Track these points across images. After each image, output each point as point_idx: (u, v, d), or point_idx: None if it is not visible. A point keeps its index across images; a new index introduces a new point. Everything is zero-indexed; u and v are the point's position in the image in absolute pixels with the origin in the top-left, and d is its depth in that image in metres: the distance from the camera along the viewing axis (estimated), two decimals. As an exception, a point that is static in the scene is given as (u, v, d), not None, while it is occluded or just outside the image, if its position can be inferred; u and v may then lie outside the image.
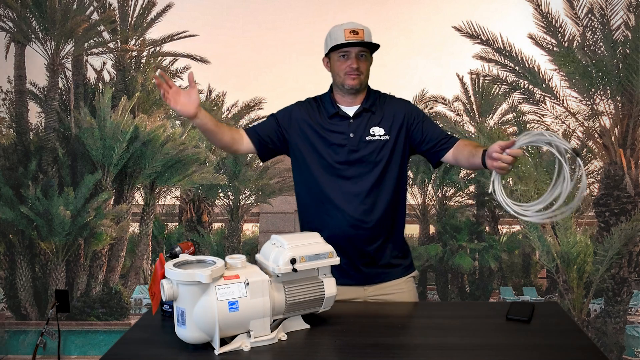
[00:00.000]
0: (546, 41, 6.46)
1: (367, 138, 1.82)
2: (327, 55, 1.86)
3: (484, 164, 1.60)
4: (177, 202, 8.42)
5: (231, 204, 8.19)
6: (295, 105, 1.91)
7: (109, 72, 7.73)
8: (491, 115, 8.02)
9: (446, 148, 1.82)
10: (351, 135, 1.83)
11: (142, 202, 7.81)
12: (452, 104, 8.07)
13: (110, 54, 7.66)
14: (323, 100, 1.90)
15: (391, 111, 1.86)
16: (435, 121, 2.03)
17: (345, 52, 1.79)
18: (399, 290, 1.89)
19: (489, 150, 1.57)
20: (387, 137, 1.83)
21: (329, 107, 1.86)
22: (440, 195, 8.21)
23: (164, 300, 1.29)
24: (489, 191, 1.49)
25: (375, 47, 1.82)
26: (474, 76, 7.74)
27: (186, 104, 1.68)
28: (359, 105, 1.86)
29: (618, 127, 6.35)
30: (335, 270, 1.48)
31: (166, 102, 1.69)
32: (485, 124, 7.76)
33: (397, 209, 1.90)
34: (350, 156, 1.81)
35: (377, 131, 1.83)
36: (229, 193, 8.18)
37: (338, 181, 1.83)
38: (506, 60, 6.72)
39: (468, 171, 7.91)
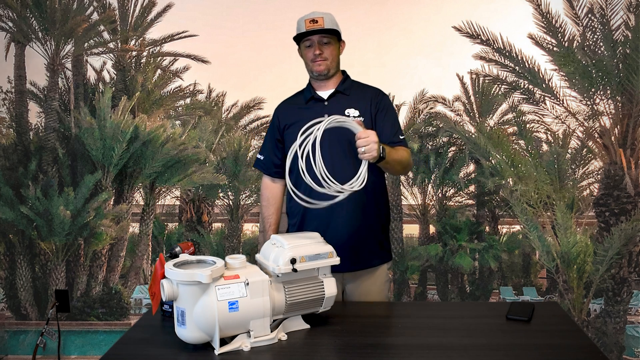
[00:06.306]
0: (546, 41, 6.46)
1: None
2: (299, 47, 1.98)
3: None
4: (177, 202, 8.41)
5: (231, 204, 8.18)
6: (275, 111, 2.05)
7: (109, 72, 7.72)
8: (491, 115, 8.00)
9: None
10: (326, 116, 1.91)
11: (142, 202, 7.80)
12: (452, 104, 8.06)
13: (110, 54, 7.65)
14: (303, 90, 2.04)
15: (364, 95, 1.96)
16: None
17: (309, 40, 1.90)
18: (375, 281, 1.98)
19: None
20: (361, 118, 1.89)
21: (306, 93, 2.00)
22: (440, 195, 8.19)
23: (164, 300, 1.29)
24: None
25: (336, 32, 1.91)
26: (474, 76, 7.73)
27: None
28: (333, 89, 1.96)
29: (618, 127, 6.35)
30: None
31: None
32: (485, 124, 7.74)
33: (377, 187, 1.97)
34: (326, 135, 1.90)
35: (352, 112, 1.91)
36: (229, 193, 8.17)
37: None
38: (506, 60, 6.73)
39: (468, 171, 7.94)
